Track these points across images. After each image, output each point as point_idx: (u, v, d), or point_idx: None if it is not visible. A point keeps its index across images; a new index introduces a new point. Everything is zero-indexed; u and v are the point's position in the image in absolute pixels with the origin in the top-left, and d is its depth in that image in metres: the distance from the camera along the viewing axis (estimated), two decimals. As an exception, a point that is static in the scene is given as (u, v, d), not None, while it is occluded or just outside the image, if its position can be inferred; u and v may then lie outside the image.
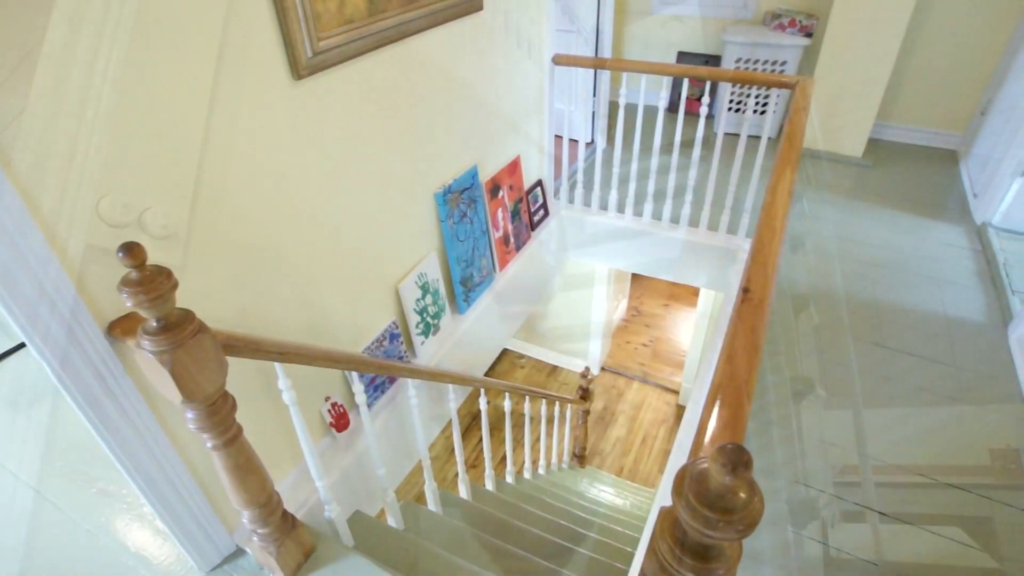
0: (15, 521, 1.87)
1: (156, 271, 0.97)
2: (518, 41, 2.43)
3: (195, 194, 1.27)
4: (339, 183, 1.67)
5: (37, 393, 2.32)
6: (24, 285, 1.02)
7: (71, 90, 1.01)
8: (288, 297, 1.60)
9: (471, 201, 2.29)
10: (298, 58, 1.38)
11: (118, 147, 1.10)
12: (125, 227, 1.16)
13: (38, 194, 1.01)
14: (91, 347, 1.15)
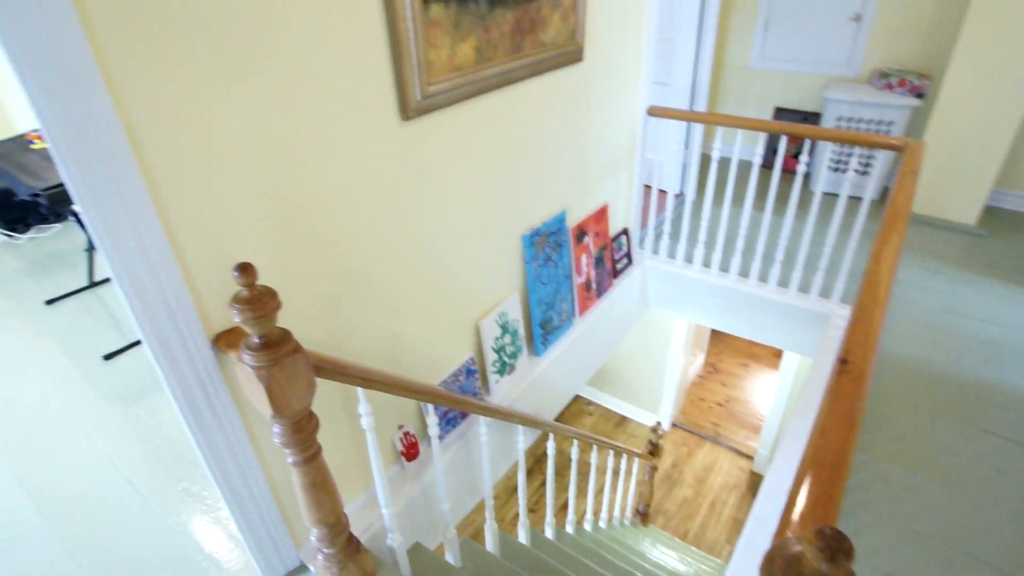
0: (108, 508, 2.01)
1: (264, 291, 1.05)
2: (614, 92, 2.47)
3: (297, 219, 1.36)
4: (433, 218, 1.74)
5: (143, 389, 2.51)
6: (150, 292, 1.12)
7: (212, 119, 1.12)
8: (374, 324, 1.66)
9: (557, 245, 2.32)
10: (408, 101, 1.47)
11: (232, 169, 1.21)
12: (235, 246, 1.26)
13: (168, 211, 1.12)
14: (197, 355, 1.24)
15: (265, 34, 1.16)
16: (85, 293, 3.25)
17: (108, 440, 2.27)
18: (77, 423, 2.36)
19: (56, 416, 2.40)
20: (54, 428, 2.34)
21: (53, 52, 0.87)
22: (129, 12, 0.95)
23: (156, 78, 1.02)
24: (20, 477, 2.14)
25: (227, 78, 1.12)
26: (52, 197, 2.34)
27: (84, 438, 2.29)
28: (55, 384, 2.58)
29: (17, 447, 2.27)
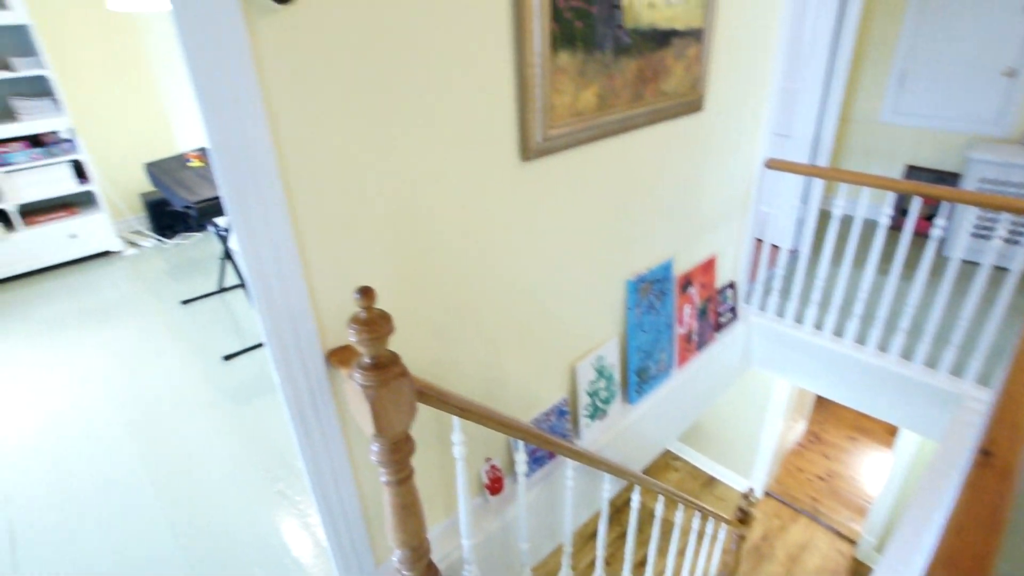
0: (209, 496, 2.15)
1: (380, 315, 1.10)
2: (732, 142, 2.42)
3: (414, 249, 1.43)
4: (541, 256, 1.76)
5: (253, 392, 2.70)
6: (278, 304, 1.21)
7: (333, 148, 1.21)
8: (474, 356, 1.69)
9: (661, 293, 2.28)
10: (529, 142, 1.52)
11: (360, 198, 1.29)
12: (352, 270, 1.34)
13: (303, 232, 1.21)
14: (311, 367, 1.32)
15: (404, 74, 1.24)
16: (215, 297, 3.57)
17: (218, 434, 2.45)
18: (194, 414, 2.57)
19: (178, 405, 2.63)
20: (174, 415, 2.56)
21: (230, 90, 0.98)
22: (290, 56, 1.06)
23: (305, 113, 1.12)
24: (142, 453, 2.36)
25: (366, 114, 1.21)
26: (201, 210, 2.61)
27: (197, 429, 2.48)
28: (181, 376, 2.83)
29: (143, 427, 2.50)
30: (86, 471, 2.29)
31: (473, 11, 1.31)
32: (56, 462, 2.34)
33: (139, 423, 2.53)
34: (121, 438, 2.45)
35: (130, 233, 4.53)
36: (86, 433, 2.49)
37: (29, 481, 2.26)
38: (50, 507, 2.14)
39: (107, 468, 2.30)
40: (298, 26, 1.05)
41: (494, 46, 1.39)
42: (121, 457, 2.35)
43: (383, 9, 1.16)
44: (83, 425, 2.53)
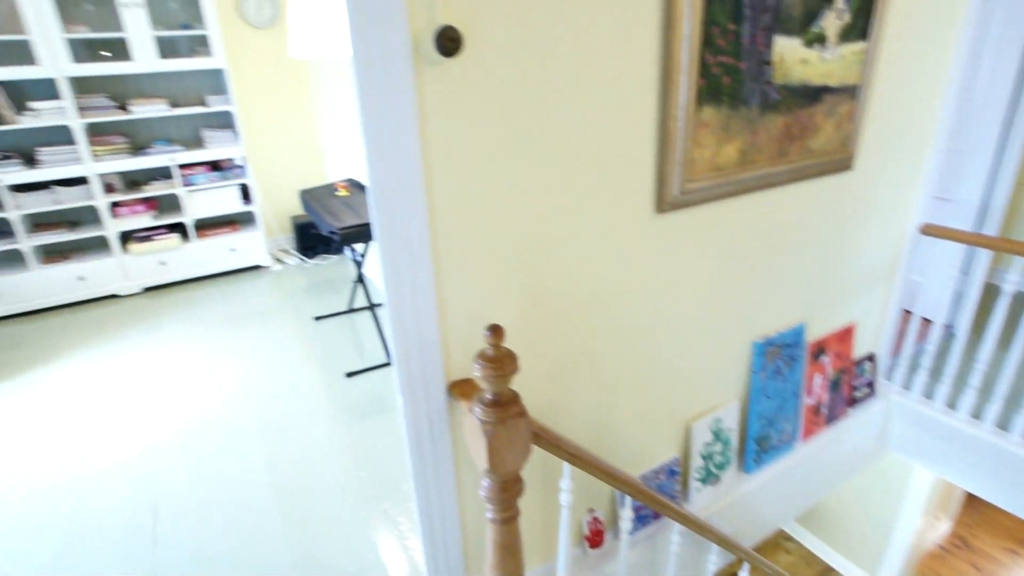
0: (320, 504, 2.27)
1: (506, 353, 1.13)
2: (882, 205, 2.25)
3: (542, 292, 1.46)
4: (666, 309, 1.73)
5: (369, 411, 2.84)
6: (410, 331, 1.28)
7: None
8: (588, 403, 1.68)
9: (789, 359, 2.13)
10: (665, 195, 1.51)
11: (496, 238, 1.34)
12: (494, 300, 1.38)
13: (440, 265, 1.28)
14: (434, 395, 1.37)
15: (548, 123, 1.29)
16: (344, 316, 3.83)
17: (334, 446, 2.60)
18: (315, 423, 2.74)
19: (302, 412, 2.82)
20: (298, 422, 2.75)
21: (394, 132, 1.08)
22: (446, 104, 1.14)
23: (454, 156, 1.19)
24: (265, 456, 2.54)
25: (509, 159, 1.27)
26: (344, 235, 2.84)
27: (316, 438, 2.65)
28: (307, 386, 3.04)
29: (270, 428, 2.70)
30: (219, 463, 2.51)
31: (621, 66, 1.35)
32: (195, 451, 2.59)
33: (267, 424, 2.75)
34: (251, 436, 2.67)
35: (278, 251, 5.00)
36: (222, 427, 2.74)
37: (173, 465, 2.52)
38: (187, 492, 2.37)
39: (236, 462, 2.51)
40: (456, 77, 1.13)
41: (638, 99, 1.40)
42: (249, 454, 2.56)
43: (534, 64, 1.22)
44: (221, 419, 2.79)
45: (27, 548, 2.14)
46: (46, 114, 3.81)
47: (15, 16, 3.58)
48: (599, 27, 1.28)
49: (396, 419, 2.76)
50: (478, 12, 1.11)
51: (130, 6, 3.77)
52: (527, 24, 1.18)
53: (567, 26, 1.24)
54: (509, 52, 1.18)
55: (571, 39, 1.25)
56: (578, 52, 1.28)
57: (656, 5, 1.34)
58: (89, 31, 3.83)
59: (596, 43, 1.29)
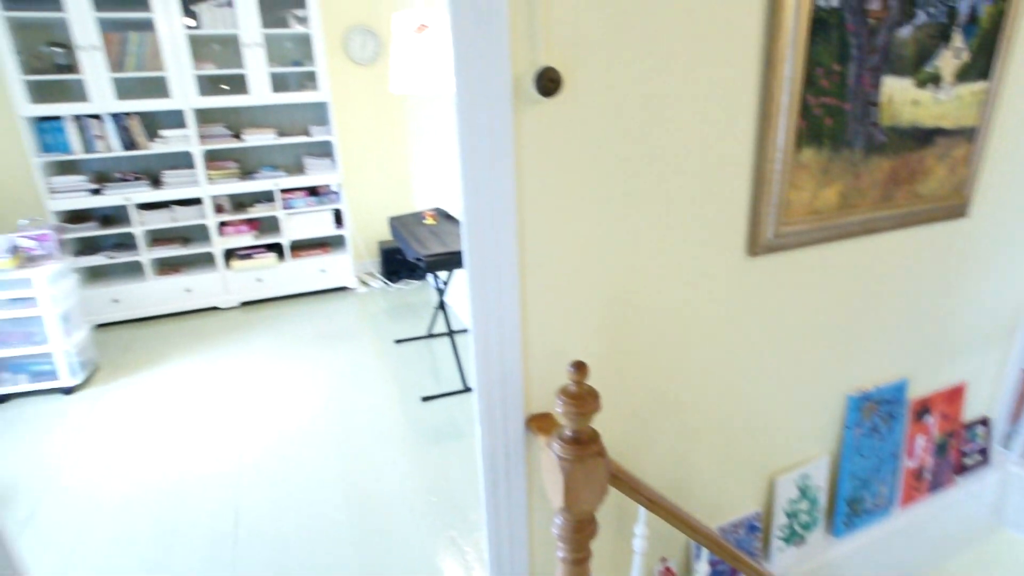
0: (390, 526, 2.30)
1: (589, 391, 1.12)
2: (1001, 256, 2.07)
3: (625, 331, 1.44)
4: (754, 355, 1.66)
5: (442, 436, 2.88)
6: (493, 360, 1.30)
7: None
8: (667, 447, 1.62)
9: (888, 417, 1.98)
10: (758, 238, 1.46)
11: (581, 275, 1.34)
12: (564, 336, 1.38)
13: (527, 297, 1.29)
14: (512, 427, 1.38)
15: (640, 164, 1.29)
16: (423, 341, 3.92)
17: (406, 467, 2.64)
18: (389, 443, 2.80)
19: (377, 432, 2.89)
20: (373, 441, 2.82)
21: (490, 166, 1.11)
22: (543, 141, 1.17)
23: (547, 192, 1.21)
24: (341, 471, 2.62)
25: (600, 197, 1.28)
26: (429, 263, 2.93)
27: (389, 458, 2.70)
28: (384, 406, 3.13)
29: (346, 445, 2.79)
30: (297, 474, 2.61)
31: (718, 108, 1.33)
32: (276, 461, 2.71)
33: (345, 440, 2.84)
34: (329, 450, 2.76)
35: (364, 274, 5.22)
36: (303, 440, 2.85)
37: (255, 472, 2.64)
38: (266, 499, 2.47)
39: (313, 474, 2.60)
40: (553, 116, 1.16)
41: (734, 141, 1.38)
42: (325, 467, 2.64)
43: (630, 104, 1.23)
44: (302, 432, 2.91)
45: (120, 540, 2.30)
46: (173, 141, 4.21)
47: (157, 56, 4.01)
48: (697, 69, 1.28)
49: (468, 446, 2.77)
50: (578, 54, 1.14)
51: (251, 46, 4.13)
52: (625, 66, 1.20)
53: (665, 68, 1.25)
54: (606, 93, 1.20)
55: (668, 81, 1.26)
56: (674, 93, 1.28)
57: (757, 47, 1.33)
58: (215, 68, 4.22)
59: (693, 85, 1.29)
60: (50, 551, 2.27)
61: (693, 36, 1.25)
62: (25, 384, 3.43)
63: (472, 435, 2.87)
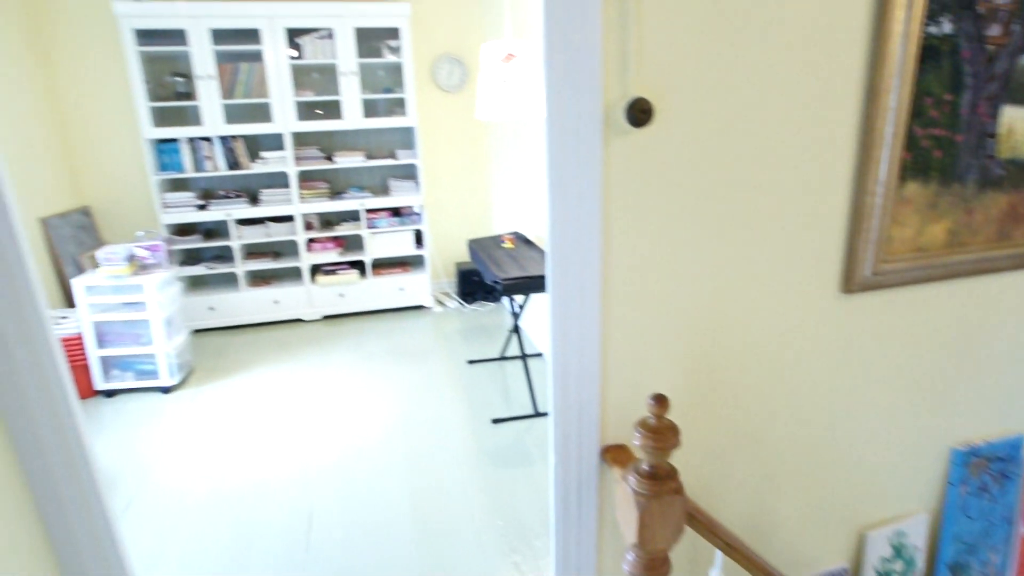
0: (454, 545, 2.30)
1: (669, 426, 1.09)
2: None
3: (707, 366, 1.39)
4: (846, 398, 1.56)
5: (510, 460, 2.87)
6: (571, 388, 1.29)
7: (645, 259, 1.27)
8: (746, 490, 1.55)
9: (1001, 476, 1.80)
10: (854, 275, 1.39)
11: (663, 305, 1.31)
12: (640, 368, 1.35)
13: (608, 325, 1.28)
14: (586, 456, 1.36)
15: (730, 194, 1.26)
16: (495, 363, 3.95)
17: (473, 489, 2.65)
18: (457, 463, 2.82)
19: (446, 451, 2.92)
20: (441, 459, 2.85)
21: (577, 194, 1.12)
22: (630, 170, 1.16)
23: (632, 220, 1.21)
24: (410, 486, 2.66)
25: (686, 227, 1.25)
26: (506, 286, 2.97)
27: (456, 478, 2.72)
28: (453, 426, 3.16)
29: (415, 461, 2.83)
30: (368, 485, 2.68)
31: (814, 139, 1.29)
32: (348, 471, 2.79)
33: (415, 456, 2.88)
34: (399, 465, 2.82)
35: (440, 293, 5.34)
36: (375, 452, 2.92)
37: (328, 480, 2.73)
38: (338, 507, 2.54)
39: (382, 487, 2.65)
40: (642, 146, 1.16)
41: (831, 173, 1.33)
42: (395, 481, 2.69)
43: (721, 135, 1.21)
44: (374, 444, 2.98)
45: (204, 534, 2.43)
46: (272, 162, 4.51)
47: (263, 84, 4.33)
48: (793, 100, 1.24)
49: (537, 472, 2.75)
50: (670, 84, 1.14)
51: (347, 74, 4.38)
52: (719, 97, 1.19)
53: (759, 99, 1.22)
54: (698, 123, 1.18)
55: (763, 112, 1.23)
56: (769, 124, 1.24)
57: (858, 77, 1.27)
58: (313, 95, 4.50)
59: (788, 115, 1.25)
60: (144, 538, 2.43)
61: (791, 66, 1.22)
62: (131, 381, 3.71)
63: (541, 461, 2.85)
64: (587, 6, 1.03)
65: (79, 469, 1.22)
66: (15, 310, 1.08)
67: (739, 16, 1.15)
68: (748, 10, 1.15)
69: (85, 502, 1.24)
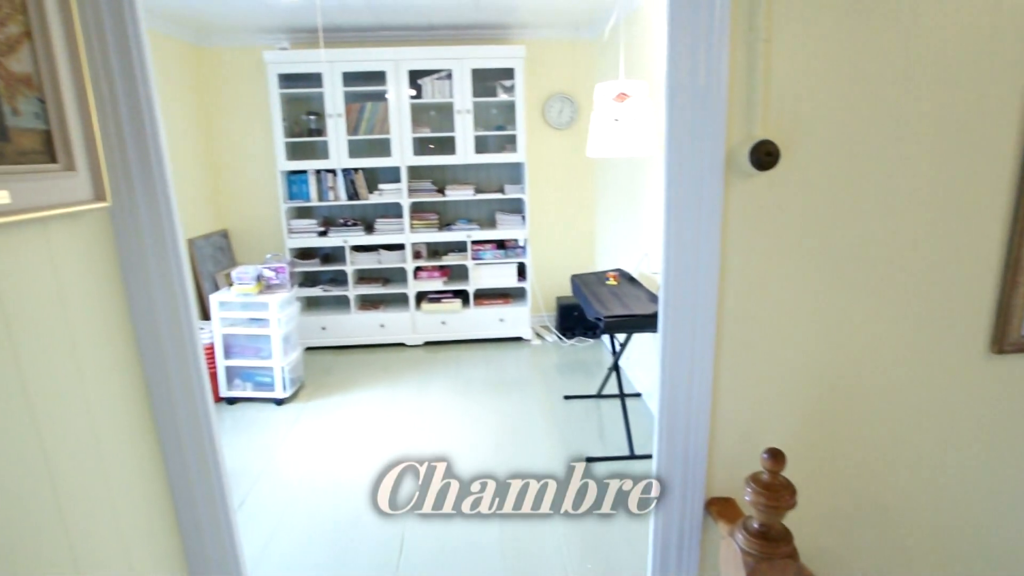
0: None
1: (785, 484, 1.02)
2: None
3: (828, 423, 1.29)
4: (988, 466, 1.39)
5: (619, 501, 2.79)
6: (678, 433, 1.25)
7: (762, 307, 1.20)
8: (872, 561, 1.41)
9: None
10: (1006, 334, 1.25)
11: (781, 353, 1.24)
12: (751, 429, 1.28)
13: (720, 370, 1.23)
14: (690, 507, 1.30)
15: (862, 238, 1.19)
16: (592, 400, 3.89)
17: (566, 529, 2.59)
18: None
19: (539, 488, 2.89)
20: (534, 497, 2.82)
21: (694, 233, 1.10)
22: (751, 211, 1.13)
23: (749, 261, 1.16)
24: (500, 523, 2.65)
25: (809, 272, 1.19)
26: (608, 324, 2.94)
27: (548, 517, 2.67)
28: (547, 461, 3.12)
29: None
30: (460, 512, 2.70)
31: (957, 184, 1.19)
32: (441, 496, 2.83)
33: (507, 488, 2.88)
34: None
35: (539, 326, 5.37)
36: (467, 480, 2.95)
37: (421, 503, 2.78)
38: (430, 533, 2.58)
39: (473, 517, 2.66)
40: (765, 189, 1.12)
41: (978, 221, 1.22)
42: (487, 512, 2.69)
43: (853, 179, 1.15)
44: (466, 472, 3.01)
45: (305, 538, 2.54)
46: (387, 193, 4.79)
47: (385, 121, 4.65)
48: (935, 143, 1.16)
49: (630, 516, 2.66)
50: (798, 128, 1.10)
51: (463, 112, 4.60)
52: (854, 141, 1.13)
53: (897, 144, 1.15)
54: (828, 168, 1.13)
55: (899, 156, 1.15)
56: (906, 169, 1.16)
57: (1018, 114, 1.17)
58: (429, 131, 4.76)
59: (930, 160, 1.17)
60: (254, 535, 2.59)
61: (936, 107, 1.14)
62: (249, 391, 4.02)
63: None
64: (714, 49, 1.02)
65: (210, 466, 1.33)
66: (172, 319, 1.21)
67: (879, 55, 1.10)
68: (889, 49, 1.10)
69: (211, 496, 1.34)
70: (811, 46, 1.08)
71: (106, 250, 1.11)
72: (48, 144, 0.90)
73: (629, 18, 3.95)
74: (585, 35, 4.90)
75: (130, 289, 1.16)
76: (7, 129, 0.81)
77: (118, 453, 1.14)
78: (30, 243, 0.92)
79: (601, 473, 3.03)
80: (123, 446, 1.16)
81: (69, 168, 0.95)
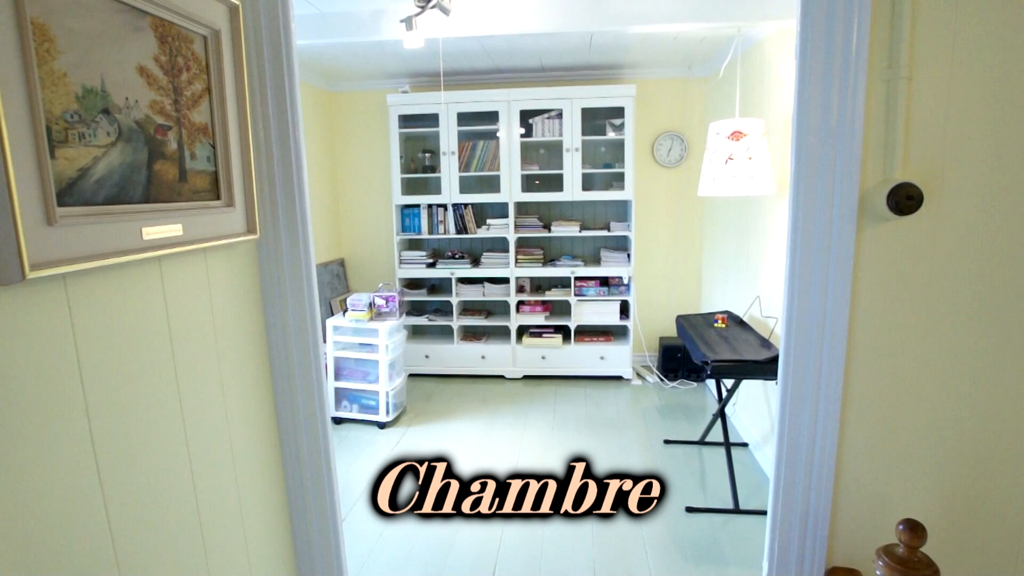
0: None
1: (925, 562, 0.92)
2: None
3: (965, 487, 1.15)
4: None
5: (703, 556, 2.63)
6: (798, 493, 1.16)
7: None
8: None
9: None
10: None
11: (917, 414, 1.12)
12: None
13: (846, 425, 1.14)
14: (806, 573, 1.20)
15: (1017, 289, 1.07)
16: (694, 447, 3.72)
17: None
18: (646, 550, 2.66)
19: (633, 536, 2.78)
20: (628, 543, 2.71)
21: (822, 280, 1.04)
22: (887, 256, 1.05)
23: (883, 309, 1.08)
24: (592, 559, 2.56)
25: (955, 331, 1.08)
26: (715, 368, 2.81)
27: (643, 566, 2.55)
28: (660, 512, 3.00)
29: (601, 544, 2.73)
30: (553, 551, 2.65)
31: None
32: (533, 531, 2.79)
33: (601, 534, 2.79)
34: (585, 539, 2.74)
35: (640, 367, 5.23)
36: (561, 518, 2.89)
37: (514, 535, 2.76)
38: (521, 564, 2.55)
39: (567, 558, 2.60)
40: (905, 235, 1.04)
41: None
42: (579, 554, 2.62)
43: (1014, 224, 1.04)
44: (561, 510, 2.96)
45: (402, 557, 2.60)
46: (495, 228, 4.93)
47: (495, 159, 4.83)
48: (1115, 185, 1.03)
49: (731, 575, 2.49)
50: (944, 170, 1.02)
51: (571, 150, 4.67)
52: (1005, 179, 1.03)
53: (1064, 183, 1.03)
54: (977, 210, 1.04)
55: (1068, 198, 1.04)
56: (1077, 213, 1.04)
57: None
58: (538, 168, 4.87)
59: (1108, 204, 1.04)
60: (355, 548, 2.69)
61: (1112, 147, 1.02)
62: (355, 413, 4.22)
63: (736, 563, 2.57)
64: (849, 86, 0.98)
65: (324, 480, 1.41)
66: (301, 343, 1.31)
67: (1039, 93, 1.00)
68: (1052, 86, 1.00)
69: (323, 507, 1.42)
70: (958, 83, 1.01)
71: (251, 278, 1.23)
72: (214, 184, 1.03)
73: (746, 53, 3.86)
74: (698, 73, 4.85)
75: (267, 313, 1.28)
76: (186, 171, 0.94)
77: (248, 463, 1.24)
78: (193, 271, 1.05)
79: (701, 524, 2.87)
80: (252, 457, 1.26)
81: (229, 204, 1.07)
